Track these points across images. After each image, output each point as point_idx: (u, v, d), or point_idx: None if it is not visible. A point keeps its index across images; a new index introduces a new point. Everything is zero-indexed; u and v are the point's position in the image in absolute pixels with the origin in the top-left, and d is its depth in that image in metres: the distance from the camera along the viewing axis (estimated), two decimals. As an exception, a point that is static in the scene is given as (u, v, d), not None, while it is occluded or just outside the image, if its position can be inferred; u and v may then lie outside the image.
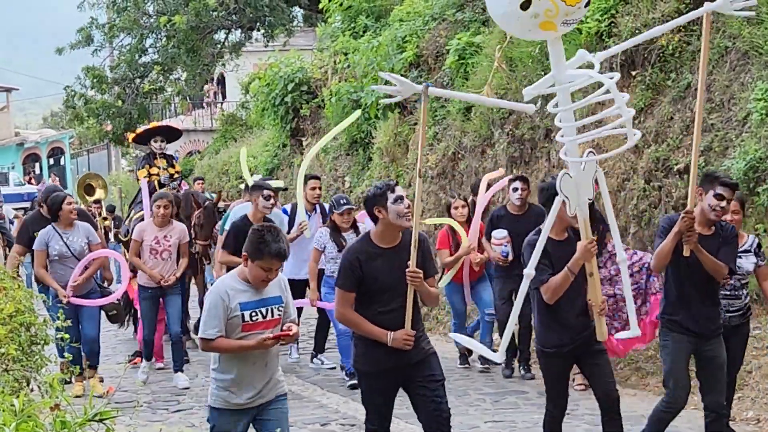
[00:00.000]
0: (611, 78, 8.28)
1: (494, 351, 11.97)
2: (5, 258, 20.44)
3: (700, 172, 13.49)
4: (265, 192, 13.82)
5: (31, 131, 74.85)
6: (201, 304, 17.16)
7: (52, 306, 13.21)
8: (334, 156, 24.86)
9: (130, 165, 57.66)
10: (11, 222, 26.35)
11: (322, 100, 25.24)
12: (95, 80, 39.20)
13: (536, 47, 17.36)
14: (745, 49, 13.96)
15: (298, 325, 8.35)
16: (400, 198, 8.44)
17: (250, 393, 7.95)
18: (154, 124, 23.27)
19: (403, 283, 8.40)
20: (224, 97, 44.35)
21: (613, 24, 15.77)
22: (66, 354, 12.46)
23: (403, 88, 9.04)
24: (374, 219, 8.58)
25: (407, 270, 8.36)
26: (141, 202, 17.64)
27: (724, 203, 9.36)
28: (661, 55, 15.07)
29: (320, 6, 27.59)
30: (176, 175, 19.31)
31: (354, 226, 14.24)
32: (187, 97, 43.21)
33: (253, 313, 7.89)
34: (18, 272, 13.48)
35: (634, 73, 15.50)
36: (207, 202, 17.87)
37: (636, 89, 15.38)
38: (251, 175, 17.97)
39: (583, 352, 9.22)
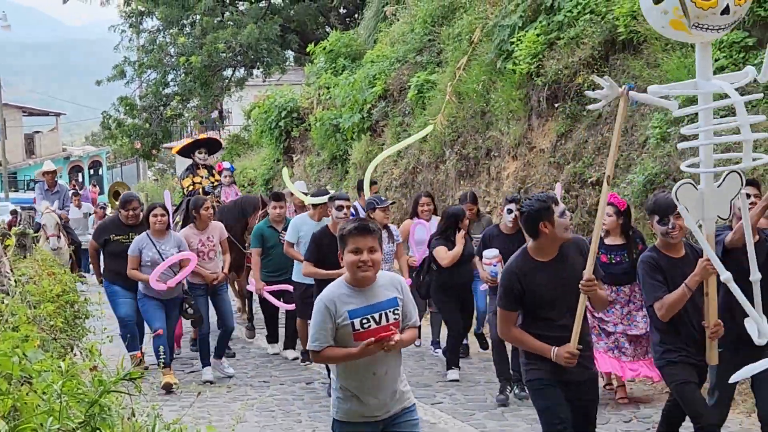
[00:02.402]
0: (743, 99, 7.06)
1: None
2: (71, 256, 19.11)
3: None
4: (337, 203, 11.82)
5: (75, 147, 74.60)
6: (243, 302, 16.84)
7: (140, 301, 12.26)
8: (318, 169, 24.86)
9: (155, 176, 57.51)
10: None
11: (309, 125, 25.26)
12: (127, 107, 39.30)
13: (480, 84, 17.41)
14: (645, 87, 13.98)
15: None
16: (564, 211, 6.80)
17: (372, 404, 6.22)
18: (203, 136, 21.76)
19: (565, 295, 6.77)
20: (223, 121, 44.31)
21: (540, 66, 15.81)
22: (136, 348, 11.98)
23: (610, 91, 7.27)
24: (534, 234, 6.81)
25: (583, 281, 6.66)
26: (185, 209, 15.49)
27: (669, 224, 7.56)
28: (578, 90, 15.11)
29: (308, 50, 27.69)
30: (215, 183, 17.64)
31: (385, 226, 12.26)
32: (202, 121, 43.16)
33: (364, 320, 6.15)
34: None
35: (556, 105, 15.55)
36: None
37: (558, 118, 15.43)
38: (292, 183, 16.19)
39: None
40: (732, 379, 7.23)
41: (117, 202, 25.14)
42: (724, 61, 12.58)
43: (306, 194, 14.78)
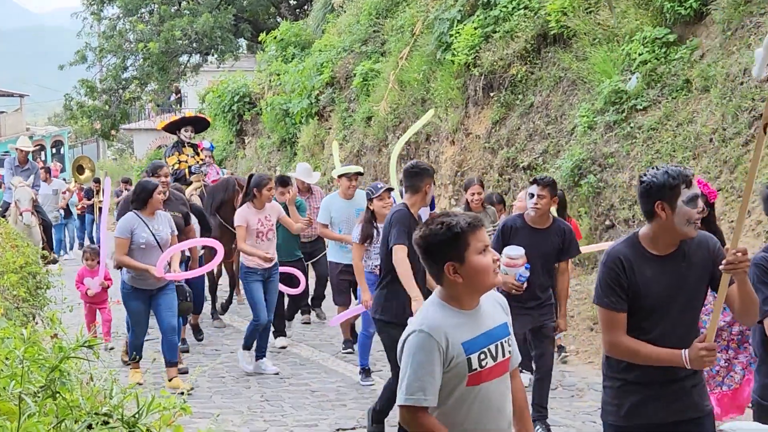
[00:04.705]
0: None
1: None
2: (42, 237, 17.19)
3: (535, 172, 13.68)
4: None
5: (38, 127, 73.65)
6: (231, 287, 14.69)
7: (126, 294, 10.02)
8: (268, 151, 24.75)
9: (114, 155, 56.97)
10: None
11: (260, 109, 25.14)
12: (88, 90, 39.13)
13: (421, 73, 17.42)
14: (574, 79, 14.11)
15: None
16: (695, 198, 4.61)
17: None
18: (189, 113, 19.87)
19: (679, 301, 4.67)
20: (181, 104, 44.10)
21: (477, 57, 15.86)
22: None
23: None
24: (648, 214, 4.71)
25: (730, 254, 4.41)
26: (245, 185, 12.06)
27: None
28: (512, 81, 15.18)
29: (260, 38, 27.69)
30: (201, 162, 15.81)
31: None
32: (158, 104, 42.87)
33: (482, 355, 4.03)
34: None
35: (492, 94, 15.60)
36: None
37: (493, 106, 15.49)
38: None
39: None
40: None
41: (81, 176, 24.35)
42: (647, 55, 12.71)
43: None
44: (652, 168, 4.76)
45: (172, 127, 16.18)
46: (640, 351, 4.65)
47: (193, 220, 12.00)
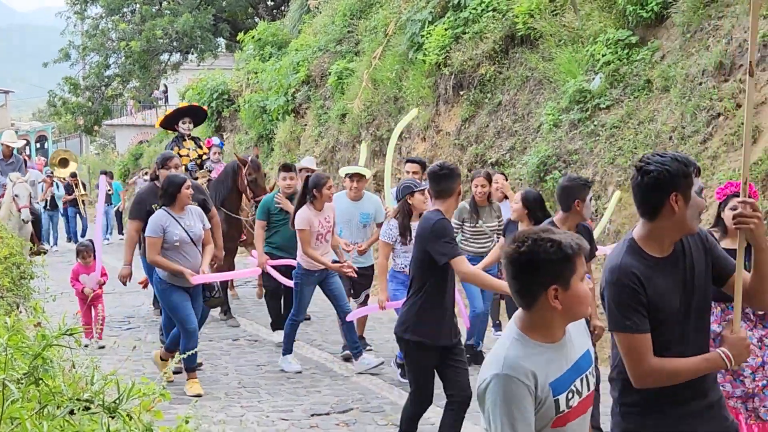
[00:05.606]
0: None
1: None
2: (32, 232, 16.31)
3: (503, 168, 13.72)
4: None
5: (23, 123, 73.25)
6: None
7: (163, 291, 9.26)
8: (246, 147, 24.68)
9: (97, 150, 56.66)
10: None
11: (238, 106, 25.07)
12: (71, 87, 38.88)
13: (393, 72, 17.43)
14: (540, 78, 14.16)
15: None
16: (702, 189, 3.99)
17: None
18: (183, 104, 18.36)
19: (694, 306, 3.94)
20: (168, 101, 43.86)
21: (447, 57, 15.89)
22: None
23: None
24: (655, 210, 3.89)
25: (741, 201, 3.93)
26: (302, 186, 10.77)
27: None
28: (481, 80, 15.21)
29: (238, 38, 27.64)
30: (204, 157, 14.75)
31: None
32: (139, 101, 42.64)
33: (570, 394, 3.40)
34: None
35: (461, 92, 15.63)
36: (250, 157, 13.08)
37: (463, 104, 15.52)
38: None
39: None
40: None
41: (64, 170, 23.85)
42: (610, 56, 12.78)
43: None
44: (652, 156, 3.95)
45: (170, 122, 15.30)
46: (679, 369, 3.86)
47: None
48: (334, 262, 10.15)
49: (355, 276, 10.20)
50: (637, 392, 3.92)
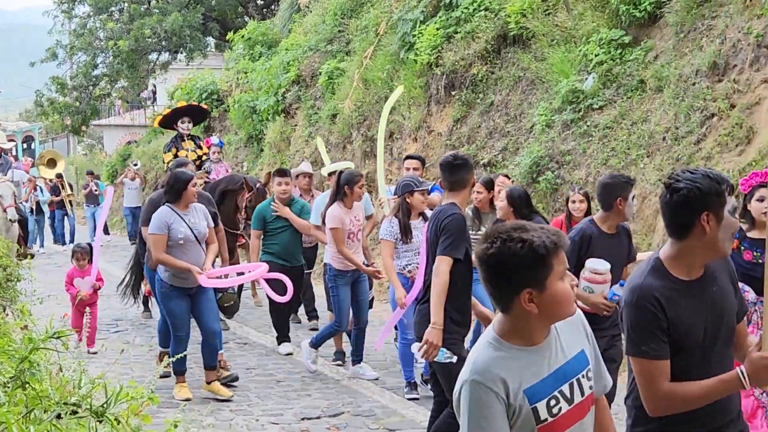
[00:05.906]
0: None
1: None
2: (20, 234, 15.92)
3: (495, 169, 13.71)
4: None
5: (9, 123, 73.17)
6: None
7: (164, 294, 9.15)
8: (235, 147, 24.67)
9: (84, 150, 56.56)
10: None
11: (228, 106, 25.06)
12: (59, 86, 38.92)
13: (384, 72, 17.41)
14: (532, 78, 14.15)
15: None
16: (736, 209, 3.91)
17: None
18: (182, 103, 18.08)
19: (720, 336, 3.71)
20: (156, 101, 43.86)
21: (439, 57, 15.88)
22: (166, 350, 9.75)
23: None
24: (685, 230, 3.65)
25: None
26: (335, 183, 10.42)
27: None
28: (473, 80, 15.21)
29: (228, 37, 27.63)
30: (204, 157, 14.48)
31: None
32: (128, 101, 42.61)
33: (552, 401, 3.18)
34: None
35: (453, 93, 15.62)
36: (258, 185, 12.92)
37: (455, 105, 15.51)
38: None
39: None
40: None
41: (51, 170, 23.62)
42: (603, 56, 12.78)
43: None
44: (682, 172, 3.69)
45: (168, 122, 15.02)
46: (697, 393, 3.59)
47: None
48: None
49: (381, 278, 10.09)
50: (651, 421, 3.72)
